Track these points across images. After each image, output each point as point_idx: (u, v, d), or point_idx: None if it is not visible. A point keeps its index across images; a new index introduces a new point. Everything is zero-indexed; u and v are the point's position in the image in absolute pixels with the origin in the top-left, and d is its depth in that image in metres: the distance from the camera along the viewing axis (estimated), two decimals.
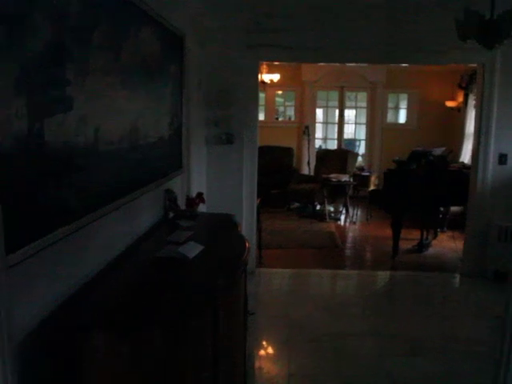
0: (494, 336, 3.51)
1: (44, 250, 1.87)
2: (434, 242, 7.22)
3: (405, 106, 11.65)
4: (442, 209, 7.55)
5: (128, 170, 2.88)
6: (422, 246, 6.86)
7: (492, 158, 5.47)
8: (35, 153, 1.80)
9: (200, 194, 4.21)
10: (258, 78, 5.72)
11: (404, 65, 8.10)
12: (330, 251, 6.96)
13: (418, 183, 6.45)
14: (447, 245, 7.11)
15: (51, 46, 1.88)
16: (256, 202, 5.92)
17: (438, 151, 7.19)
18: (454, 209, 7.77)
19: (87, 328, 1.93)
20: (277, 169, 9.98)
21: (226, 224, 3.75)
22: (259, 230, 6.22)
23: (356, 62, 7.36)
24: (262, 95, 9.84)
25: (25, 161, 1.73)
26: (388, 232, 6.98)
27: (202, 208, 4.15)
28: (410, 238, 7.12)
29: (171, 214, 3.85)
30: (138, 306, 2.13)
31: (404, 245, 6.84)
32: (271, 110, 11.45)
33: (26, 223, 1.74)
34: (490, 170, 5.50)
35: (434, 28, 5.08)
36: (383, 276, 6.13)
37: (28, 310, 1.81)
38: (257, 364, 3.91)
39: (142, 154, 3.13)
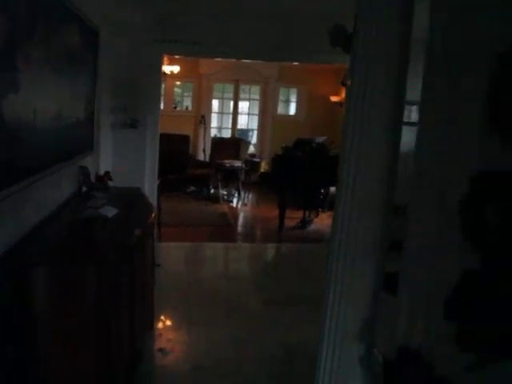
0: None
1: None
2: (315, 220, 8.15)
3: (295, 100, 12.54)
4: (322, 190, 8.45)
5: (54, 145, 3.40)
6: (304, 223, 7.77)
7: None
8: None
9: (107, 173, 4.74)
10: (161, 69, 6.27)
11: (295, 63, 8.89)
12: (224, 228, 7.71)
13: (301, 167, 7.29)
14: (327, 222, 8.05)
15: (7, 41, 2.41)
16: (156, 182, 6.48)
17: (319, 140, 8.11)
18: (334, 191, 8.64)
19: (35, 264, 2.50)
20: (174, 155, 10.45)
21: (134, 194, 4.36)
22: (159, 209, 6.79)
23: (250, 59, 8.05)
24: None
25: None
26: (276, 213, 7.75)
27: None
28: (294, 217, 7.98)
29: (84, 189, 4.36)
30: (73, 250, 2.71)
31: (289, 223, 7.70)
32: (170, 99, 11.93)
33: None
34: None
35: (317, 32, 5.81)
36: (271, 247, 6.99)
37: None
38: (162, 308, 4.57)
39: (64, 133, 3.64)
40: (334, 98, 11.30)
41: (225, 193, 10.16)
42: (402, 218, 1.55)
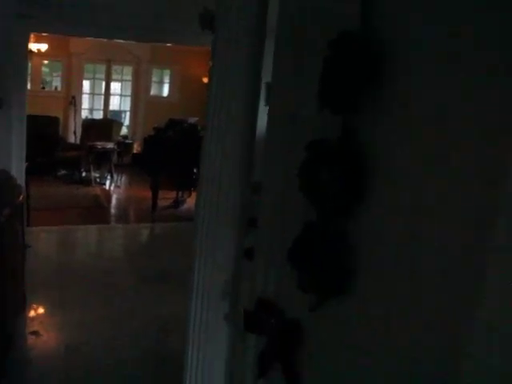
0: None
1: None
2: (188, 200, 8.29)
3: (168, 81, 12.57)
4: (195, 170, 8.54)
5: None
6: (178, 203, 7.91)
7: None
8: None
9: None
10: (27, 47, 6.06)
11: (167, 44, 8.88)
12: (97, 211, 7.66)
13: (172, 148, 7.39)
14: None
15: None
16: (24, 165, 6.28)
17: (191, 120, 8.24)
18: None
19: None
20: (43, 137, 10.09)
21: (2, 176, 4.25)
22: (27, 193, 6.58)
23: (121, 39, 7.98)
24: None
25: None
26: (149, 194, 7.81)
27: None
28: (168, 197, 8.08)
29: None
30: None
31: (163, 203, 7.82)
32: (37, 79, 11.40)
33: None
34: None
35: (188, 14, 5.89)
36: (144, 227, 7.10)
37: None
38: (34, 291, 4.49)
39: None
40: (206, 80, 11.41)
41: (97, 175, 9.99)
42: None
